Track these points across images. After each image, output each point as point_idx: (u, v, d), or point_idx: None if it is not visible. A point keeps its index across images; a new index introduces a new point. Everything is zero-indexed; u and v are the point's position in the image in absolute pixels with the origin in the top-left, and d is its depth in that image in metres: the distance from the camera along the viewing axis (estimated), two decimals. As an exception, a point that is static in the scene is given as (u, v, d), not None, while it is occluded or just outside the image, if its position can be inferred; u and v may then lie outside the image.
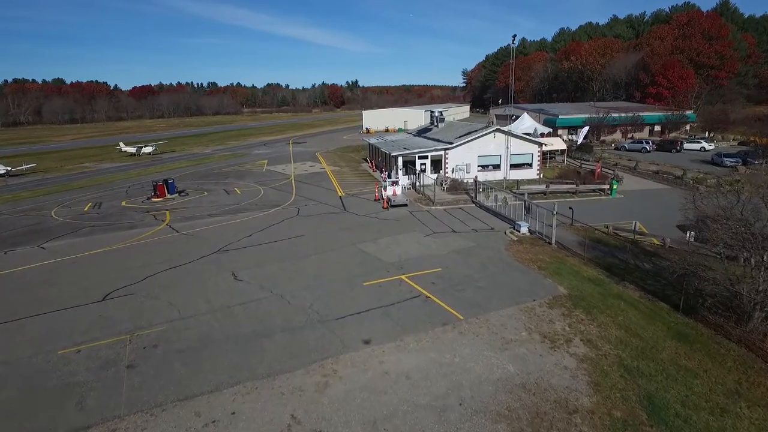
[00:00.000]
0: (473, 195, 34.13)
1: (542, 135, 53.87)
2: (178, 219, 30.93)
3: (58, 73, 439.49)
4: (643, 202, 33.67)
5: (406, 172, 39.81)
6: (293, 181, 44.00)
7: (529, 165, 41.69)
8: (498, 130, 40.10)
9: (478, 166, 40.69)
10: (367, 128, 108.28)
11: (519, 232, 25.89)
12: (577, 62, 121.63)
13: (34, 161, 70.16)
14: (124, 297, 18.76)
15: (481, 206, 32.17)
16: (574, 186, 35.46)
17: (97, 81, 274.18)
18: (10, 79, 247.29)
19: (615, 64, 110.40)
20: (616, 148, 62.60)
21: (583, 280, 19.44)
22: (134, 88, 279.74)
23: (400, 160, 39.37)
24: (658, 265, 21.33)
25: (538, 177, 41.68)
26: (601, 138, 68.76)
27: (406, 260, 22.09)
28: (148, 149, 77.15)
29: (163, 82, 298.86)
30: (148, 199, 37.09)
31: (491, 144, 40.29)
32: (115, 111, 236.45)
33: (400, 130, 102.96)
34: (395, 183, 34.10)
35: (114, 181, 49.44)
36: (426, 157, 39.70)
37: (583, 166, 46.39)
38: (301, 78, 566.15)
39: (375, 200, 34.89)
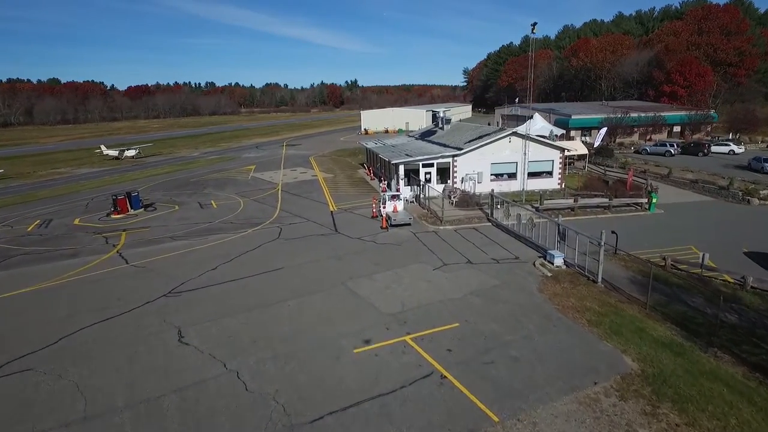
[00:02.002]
0: (489, 211, 28.84)
1: (556, 137, 48.66)
2: (134, 243, 25.62)
3: (54, 73, 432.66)
4: (689, 219, 28.38)
5: (409, 183, 34.52)
6: (279, 192, 38.69)
7: (549, 173, 36.40)
8: (514, 133, 34.82)
9: (491, 174, 35.42)
10: (365, 129, 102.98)
11: (552, 264, 20.60)
12: (586, 60, 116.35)
13: (11, 165, 64.92)
14: (18, 375, 13.46)
15: (498, 226, 26.89)
16: (606, 200, 30.16)
17: (93, 81, 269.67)
18: (4, 79, 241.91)
19: (626, 62, 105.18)
20: (636, 152, 57.33)
21: (654, 344, 14.14)
22: (129, 88, 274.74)
23: (401, 169, 34.07)
24: (745, 317, 16.08)
25: (559, 187, 36.36)
26: (618, 140, 63.38)
27: (410, 309, 16.80)
28: (131, 153, 72.32)
29: (161, 83, 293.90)
30: (107, 215, 31.77)
31: (506, 149, 35.01)
32: (109, 111, 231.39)
33: (400, 131, 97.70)
34: (396, 198, 28.85)
35: (81, 190, 44.12)
36: (431, 165, 34.40)
37: (607, 173, 41.11)
38: (300, 78, 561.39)
39: (372, 217, 29.61)
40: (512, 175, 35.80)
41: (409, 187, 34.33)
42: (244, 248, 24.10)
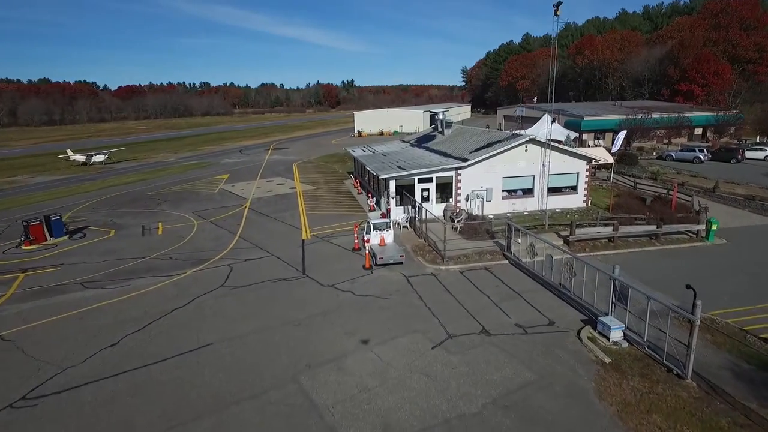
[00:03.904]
0: (504, 243, 22.23)
1: (573, 143, 42.32)
2: (26, 294, 18.90)
3: (46, 73, 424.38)
4: (764, 252, 21.85)
5: (401, 201, 27.92)
6: (246, 211, 32.03)
7: (573, 188, 29.88)
8: (532, 139, 28.28)
9: (503, 191, 28.87)
10: (359, 131, 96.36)
11: (607, 339, 14.05)
12: (592, 58, 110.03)
13: (-36, 172, 58.17)
14: None
15: (519, 266, 20.31)
16: (654, 227, 23.58)
17: (85, 81, 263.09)
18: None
19: (635, 60, 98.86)
20: (659, 157, 50.93)
21: None
22: (119, 88, 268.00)
23: (392, 185, 27.45)
24: None
25: (585, 205, 29.87)
26: (636, 144, 56.75)
27: (397, 441, 10.23)
28: (99, 158, 65.99)
29: (156, 83, 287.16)
30: (17, 246, 25.08)
31: (521, 160, 28.48)
32: (97, 112, 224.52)
33: (395, 133, 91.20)
34: (384, 227, 22.21)
35: (16, 206, 37.30)
36: (430, 180, 27.81)
37: (638, 186, 34.65)
38: (296, 78, 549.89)
39: (354, 250, 23.02)
40: (528, 192, 29.28)
41: (402, 207, 27.75)
42: (171, 304, 17.44)
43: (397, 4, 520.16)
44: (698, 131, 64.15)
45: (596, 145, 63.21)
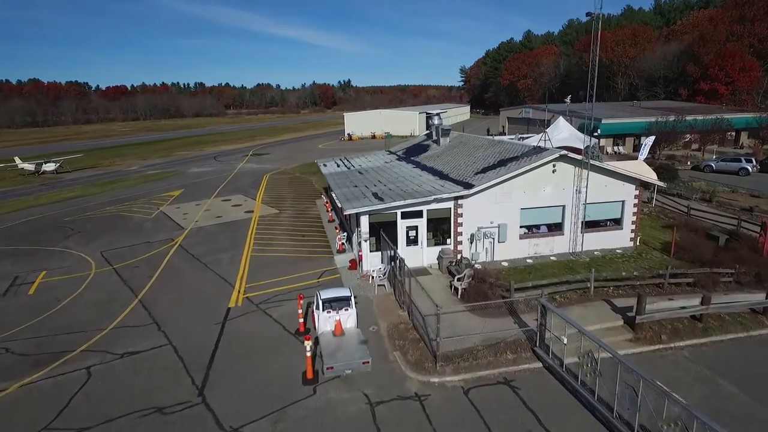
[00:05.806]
0: (536, 334, 13.97)
1: (601, 154, 34.38)
2: None
3: (37, 73, 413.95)
4: None
5: (379, 244, 19.65)
6: (174, 249, 23.79)
7: (617, 222, 21.74)
8: (563, 156, 20.06)
9: (521, 227, 20.70)
10: (349, 134, 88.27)
11: None
12: (602, 55, 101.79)
13: None
14: None
15: (560, 378, 12.14)
16: (763, 296, 15.40)
17: (77, 82, 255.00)
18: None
19: (649, 57, 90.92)
20: (695, 167, 42.95)
21: None
22: (107, 88, 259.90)
23: (364, 222, 19.18)
24: None
25: (633, 245, 21.74)
26: (666, 152, 48.58)
27: None
28: (50, 166, 58.49)
29: (150, 84, 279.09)
30: None
31: (547, 184, 20.32)
32: (83, 113, 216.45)
33: (388, 136, 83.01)
34: (341, 301, 14.02)
35: None
36: (419, 215, 19.62)
37: (691, 212, 26.60)
38: (292, 78, 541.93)
39: (299, 333, 14.85)
40: (556, 227, 21.14)
41: (380, 253, 19.52)
42: None
43: (395, 3, 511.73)
44: (729, 136, 56.24)
45: (615, 152, 55.31)
